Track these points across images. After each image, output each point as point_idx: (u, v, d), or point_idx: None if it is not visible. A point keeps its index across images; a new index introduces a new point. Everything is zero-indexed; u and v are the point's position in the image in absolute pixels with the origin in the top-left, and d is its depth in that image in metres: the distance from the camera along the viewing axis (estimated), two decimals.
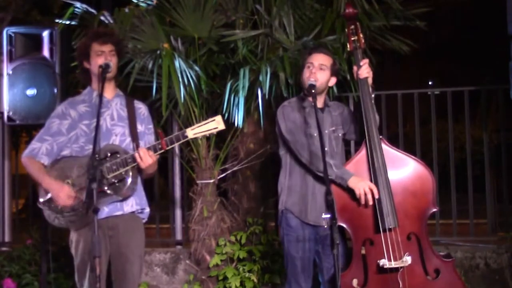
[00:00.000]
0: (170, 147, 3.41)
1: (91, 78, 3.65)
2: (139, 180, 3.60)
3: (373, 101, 3.75)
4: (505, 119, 6.00)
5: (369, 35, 5.22)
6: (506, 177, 5.96)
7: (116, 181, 3.43)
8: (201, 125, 3.38)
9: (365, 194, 3.59)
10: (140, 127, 3.66)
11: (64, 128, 3.59)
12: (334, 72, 3.85)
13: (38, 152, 3.56)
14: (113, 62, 3.56)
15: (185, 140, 3.40)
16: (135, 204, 3.60)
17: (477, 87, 6.03)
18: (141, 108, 3.73)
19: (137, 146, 3.52)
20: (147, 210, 3.70)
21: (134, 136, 3.59)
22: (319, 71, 3.76)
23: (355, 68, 3.80)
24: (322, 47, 4.03)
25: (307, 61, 3.82)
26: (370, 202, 3.60)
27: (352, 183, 3.62)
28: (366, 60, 3.78)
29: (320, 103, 3.84)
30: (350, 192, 3.66)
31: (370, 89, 3.74)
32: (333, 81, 3.88)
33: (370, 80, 3.76)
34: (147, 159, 3.39)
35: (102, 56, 3.54)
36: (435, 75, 15.08)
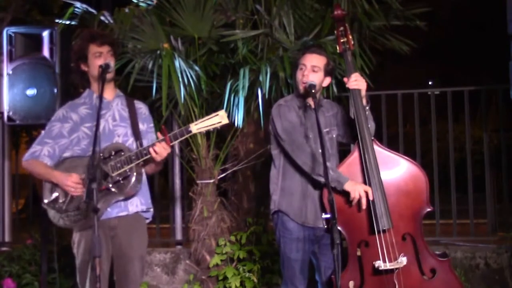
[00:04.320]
0: (174, 142, 3.40)
1: (89, 81, 3.64)
2: (143, 178, 3.60)
3: (367, 113, 3.67)
4: (505, 119, 6.01)
5: (369, 35, 5.22)
6: (506, 177, 5.97)
7: (120, 179, 3.42)
8: (205, 120, 3.35)
9: (360, 198, 3.57)
10: (142, 126, 3.66)
11: (66, 131, 3.58)
12: (328, 72, 3.78)
13: (40, 154, 3.56)
14: (112, 62, 3.56)
15: (189, 135, 3.37)
16: (140, 204, 3.60)
17: (477, 87, 6.04)
18: (142, 108, 3.73)
19: (140, 145, 3.52)
20: (152, 209, 3.70)
21: (137, 135, 3.59)
22: (311, 73, 3.70)
23: (345, 79, 3.72)
24: (315, 46, 3.96)
25: (299, 61, 3.77)
26: (364, 206, 3.58)
27: (348, 186, 3.59)
28: (357, 74, 3.70)
29: (312, 102, 3.77)
30: (345, 195, 3.63)
31: (364, 101, 3.67)
32: (327, 81, 3.81)
33: (363, 92, 3.67)
34: (162, 151, 3.37)
35: (101, 57, 3.53)
36: (435, 75, 15.09)
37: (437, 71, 15.27)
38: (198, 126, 3.35)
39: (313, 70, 3.72)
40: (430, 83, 14.71)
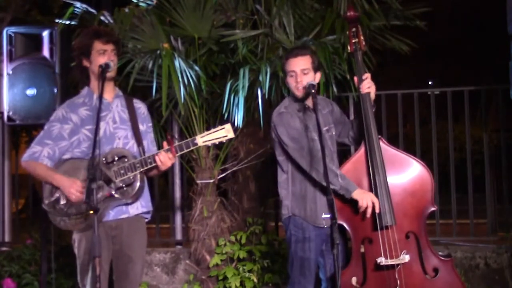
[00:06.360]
0: (179, 153, 3.42)
1: (89, 77, 3.61)
2: (145, 183, 3.60)
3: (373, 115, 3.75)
4: (505, 119, 6.00)
5: (369, 35, 5.22)
6: (506, 177, 5.97)
7: (124, 185, 3.42)
8: (211, 133, 3.36)
9: (366, 207, 3.60)
10: (141, 127, 3.64)
11: (66, 133, 3.54)
12: (316, 68, 3.77)
13: (39, 155, 3.51)
14: (114, 61, 3.53)
15: (195, 147, 3.39)
16: (141, 206, 3.59)
17: (477, 87, 6.04)
18: (141, 108, 3.71)
19: (143, 150, 3.53)
20: (151, 210, 3.70)
21: (138, 138, 3.58)
22: (303, 76, 3.70)
23: (356, 79, 3.78)
24: (297, 48, 3.96)
25: (286, 69, 3.75)
26: (368, 215, 3.61)
27: (357, 195, 3.62)
28: (368, 75, 3.76)
29: (310, 103, 3.77)
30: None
31: (372, 103, 3.73)
32: (318, 76, 3.81)
33: (372, 95, 3.75)
34: (167, 160, 3.40)
35: (105, 55, 3.50)
36: (435, 75, 15.11)
37: (437, 71, 15.30)
38: (204, 139, 3.37)
39: (303, 73, 3.71)
40: (430, 83, 14.72)
